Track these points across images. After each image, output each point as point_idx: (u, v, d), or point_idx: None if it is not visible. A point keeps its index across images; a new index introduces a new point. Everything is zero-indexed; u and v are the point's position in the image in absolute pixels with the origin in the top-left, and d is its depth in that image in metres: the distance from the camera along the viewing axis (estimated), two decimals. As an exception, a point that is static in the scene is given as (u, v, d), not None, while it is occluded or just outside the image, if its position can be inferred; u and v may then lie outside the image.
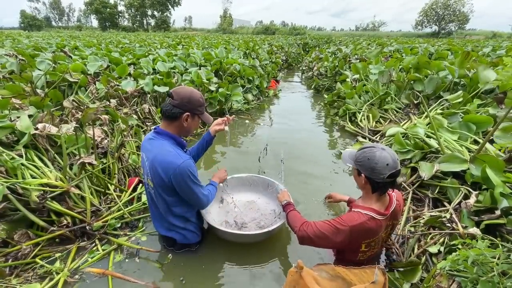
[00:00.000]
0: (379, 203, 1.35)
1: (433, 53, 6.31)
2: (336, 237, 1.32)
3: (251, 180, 2.29)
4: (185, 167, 1.41)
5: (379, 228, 1.33)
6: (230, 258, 1.78)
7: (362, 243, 1.37)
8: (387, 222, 1.39)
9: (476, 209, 1.70)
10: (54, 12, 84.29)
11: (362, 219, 1.29)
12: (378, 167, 1.24)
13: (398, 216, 1.46)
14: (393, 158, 1.25)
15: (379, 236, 1.38)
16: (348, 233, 1.30)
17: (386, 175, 1.23)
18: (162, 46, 8.38)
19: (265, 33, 45.19)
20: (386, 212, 1.33)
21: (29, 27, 56.08)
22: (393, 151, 1.29)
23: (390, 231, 1.49)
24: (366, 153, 1.30)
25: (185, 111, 1.46)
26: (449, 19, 50.28)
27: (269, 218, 2.01)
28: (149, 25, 68.02)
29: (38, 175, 1.83)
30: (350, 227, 1.28)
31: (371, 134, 3.59)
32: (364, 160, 1.29)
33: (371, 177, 1.29)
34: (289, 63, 11.67)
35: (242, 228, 1.90)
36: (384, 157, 1.24)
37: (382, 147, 1.29)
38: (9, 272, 1.53)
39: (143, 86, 3.73)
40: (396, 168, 1.24)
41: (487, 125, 2.50)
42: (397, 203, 1.40)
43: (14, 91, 2.58)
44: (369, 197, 1.36)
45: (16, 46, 6.80)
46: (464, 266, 1.18)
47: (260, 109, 5.33)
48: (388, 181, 1.27)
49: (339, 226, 1.31)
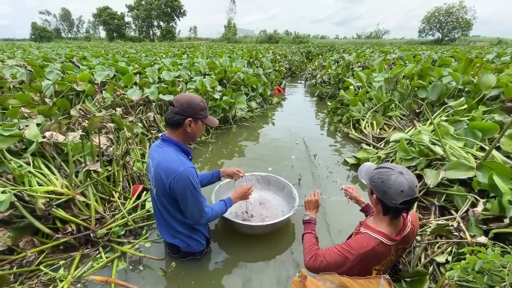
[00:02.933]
0: (391, 227, 1.25)
1: (437, 60, 6.31)
2: (346, 265, 1.24)
3: (271, 179, 2.44)
4: (186, 174, 1.41)
5: (388, 253, 1.25)
6: (233, 269, 1.76)
7: (372, 269, 1.28)
8: (398, 247, 1.29)
9: (484, 217, 1.67)
10: (64, 24, 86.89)
11: (371, 244, 1.21)
12: (391, 192, 1.14)
13: (410, 241, 1.35)
14: (410, 185, 1.12)
15: (388, 259, 1.30)
16: (358, 260, 1.22)
17: (398, 201, 1.13)
18: (168, 56, 8.56)
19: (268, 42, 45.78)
20: (397, 238, 1.24)
21: (39, 38, 57.82)
22: (413, 177, 1.15)
23: (400, 253, 1.39)
24: (381, 174, 1.20)
25: (187, 116, 1.47)
26: (451, 26, 50.34)
27: (274, 218, 2.04)
28: (155, 35, 69.60)
29: (44, 183, 1.85)
30: (361, 254, 1.20)
31: (375, 141, 3.56)
32: (378, 181, 1.20)
33: (382, 200, 1.20)
34: (292, 71, 11.77)
35: (245, 220, 2.03)
36: (399, 182, 1.13)
37: (401, 171, 1.16)
38: (14, 280, 1.54)
39: (148, 95, 3.79)
40: (412, 196, 1.12)
41: (493, 131, 2.46)
42: (411, 227, 1.30)
43: (24, 100, 2.65)
44: (380, 218, 1.27)
45: (26, 56, 7.01)
46: (473, 276, 1.15)
47: (263, 117, 5.36)
48: (401, 207, 1.16)
49: (348, 254, 1.22)
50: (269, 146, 3.89)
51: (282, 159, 3.41)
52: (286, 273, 1.72)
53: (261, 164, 3.23)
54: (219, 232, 2.08)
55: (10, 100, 2.61)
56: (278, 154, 3.56)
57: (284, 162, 3.31)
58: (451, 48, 16.56)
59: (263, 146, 3.89)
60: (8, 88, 3.02)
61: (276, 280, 1.67)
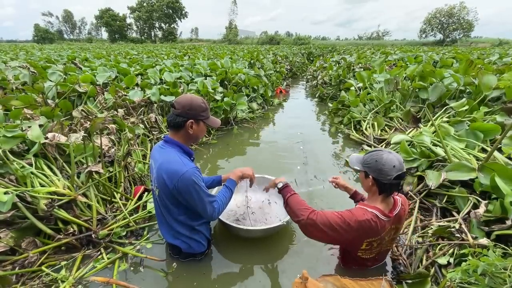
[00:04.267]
0: (384, 204, 1.40)
1: (438, 61, 6.31)
2: (345, 231, 1.34)
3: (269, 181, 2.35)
4: (190, 175, 1.41)
5: (382, 229, 1.37)
6: (234, 270, 1.76)
7: (364, 241, 1.41)
8: (391, 225, 1.43)
9: (486, 219, 1.66)
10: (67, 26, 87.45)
11: (368, 215, 1.34)
12: (386, 168, 1.31)
13: (402, 220, 1.49)
14: (399, 160, 1.33)
15: (382, 237, 1.41)
16: (355, 228, 1.34)
17: (392, 176, 1.31)
18: (169, 57, 8.59)
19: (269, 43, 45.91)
20: (390, 214, 1.39)
21: (42, 40, 58.21)
22: (398, 155, 1.36)
23: (394, 235, 1.51)
24: (373, 156, 1.38)
25: (188, 118, 1.48)
26: (453, 27, 50.28)
27: (270, 223, 2.04)
28: (157, 36, 69.95)
29: (46, 184, 1.86)
30: (359, 222, 1.33)
31: (376, 142, 3.56)
32: (372, 162, 1.37)
33: (378, 179, 1.35)
34: (293, 72, 11.78)
35: (238, 222, 2.01)
36: (391, 159, 1.32)
37: (389, 151, 1.38)
38: (16, 280, 1.54)
39: (150, 96, 3.81)
40: (402, 170, 1.32)
41: (494, 133, 2.46)
42: (401, 207, 1.45)
43: (26, 101, 2.67)
44: (375, 198, 1.42)
45: (29, 58, 7.06)
46: (476, 278, 1.14)
47: (264, 118, 5.37)
48: (395, 183, 1.33)
49: (349, 220, 1.34)
50: (270, 147, 3.89)
51: (283, 161, 3.41)
52: (287, 274, 1.72)
53: (261, 165, 3.23)
54: (220, 233, 2.08)
55: (13, 101, 2.64)
56: (279, 156, 3.56)
57: (285, 163, 3.31)
58: (452, 49, 16.53)
59: (264, 148, 3.89)
60: (11, 90, 3.04)
61: (277, 282, 1.67)
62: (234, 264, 1.79)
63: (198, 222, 1.67)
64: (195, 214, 1.63)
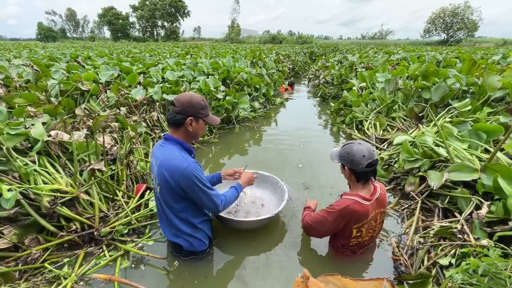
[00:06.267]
0: (365, 190, 1.57)
1: (441, 61, 6.26)
2: (328, 220, 1.55)
3: (272, 180, 2.40)
4: (191, 170, 1.42)
5: (366, 212, 1.52)
6: (236, 268, 1.76)
7: (353, 228, 1.56)
8: (375, 210, 1.58)
9: (488, 220, 1.65)
10: (70, 24, 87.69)
11: (347, 203, 1.50)
12: (356, 158, 1.47)
13: (384, 204, 1.65)
14: (368, 150, 1.48)
15: (368, 221, 1.56)
16: (338, 216, 1.52)
17: (364, 164, 1.46)
18: (171, 56, 8.60)
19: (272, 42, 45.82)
20: (370, 198, 1.55)
21: (45, 38, 58.48)
22: (369, 145, 1.52)
23: (380, 219, 1.66)
24: (346, 148, 1.55)
25: (187, 116, 1.48)
26: (457, 27, 49.89)
27: (260, 215, 2.12)
28: (159, 35, 70.02)
29: (49, 181, 1.88)
30: (339, 210, 1.51)
31: (378, 142, 3.55)
32: (345, 154, 1.54)
33: (352, 168, 1.52)
34: (295, 71, 11.76)
35: (229, 215, 2.08)
36: (360, 150, 1.48)
37: (359, 142, 1.53)
38: (19, 276, 1.56)
39: (152, 95, 3.82)
40: (372, 158, 1.47)
41: (498, 133, 2.44)
42: (381, 192, 1.61)
43: (30, 99, 2.68)
44: (356, 186, 1.59)
45: (32, 56, 7.10)
46: (477, 279, 1.14)
47: (266, 117, 5.37)
48: (368, 170, 1.48)
49: (330, 210, 1.56)
50: (271, 147, 3.89)
51: (284, 160, 3.41)
52: (289, 273, 1.72)
53: (262, 164, 3.23)
54: (222, 232, 2.08)
55: (17, 99, 2.65)
56: (281, 155, 3.56)
57: (286, 163, 3.31)
58: (456, 49, 16.41)
59: (265, 147, 3.89)
60: (15, 87, 3.06)
61: (278, 281, 1.67)
62: (236, 262, 1.80)
63: (200, 219, 1.68)
64: (197, 211, 1.64)
